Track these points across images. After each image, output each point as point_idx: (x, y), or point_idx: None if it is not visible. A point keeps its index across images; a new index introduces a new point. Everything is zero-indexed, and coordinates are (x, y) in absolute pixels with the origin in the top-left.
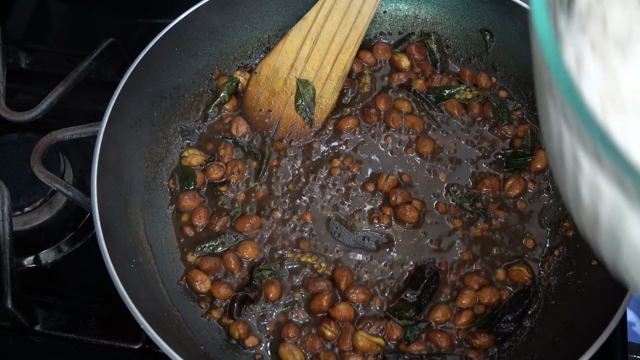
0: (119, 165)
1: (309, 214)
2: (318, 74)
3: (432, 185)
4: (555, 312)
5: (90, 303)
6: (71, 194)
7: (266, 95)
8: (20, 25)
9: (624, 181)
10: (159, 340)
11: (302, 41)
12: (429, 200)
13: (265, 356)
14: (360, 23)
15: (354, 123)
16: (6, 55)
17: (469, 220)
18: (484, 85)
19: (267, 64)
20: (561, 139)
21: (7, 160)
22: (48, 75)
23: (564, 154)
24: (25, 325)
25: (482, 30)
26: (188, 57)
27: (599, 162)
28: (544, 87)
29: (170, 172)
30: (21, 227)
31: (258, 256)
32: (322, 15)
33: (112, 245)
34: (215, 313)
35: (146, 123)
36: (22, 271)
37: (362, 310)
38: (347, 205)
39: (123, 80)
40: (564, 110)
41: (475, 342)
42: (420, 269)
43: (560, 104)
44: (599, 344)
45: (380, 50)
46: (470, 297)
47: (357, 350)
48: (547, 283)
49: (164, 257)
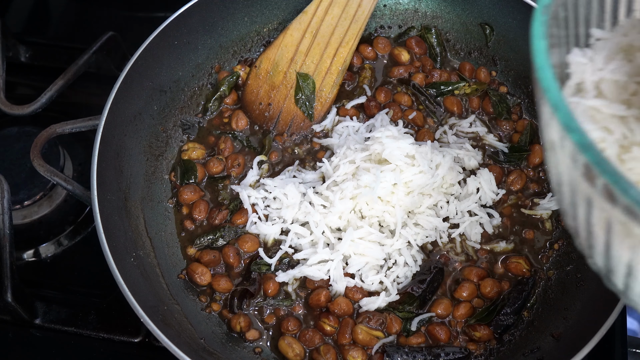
0: (118, 159)
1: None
2: (318, 67)
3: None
4: (555, 306)
5: (90, 297)
6: (71, 187)
7: (266, 89)
8: (20, 19)
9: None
10: (158, 334)
11: (302, 35)
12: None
13: (265, 349)
14: (361, 16)
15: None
16: (6, 49)
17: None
18: (484, 79)
19: (267, 58)
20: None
21: (7, 154)
22: (48, 69)
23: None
24: (25, 318)
25: (482, 24)
26: (188, 51)
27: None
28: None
29: (171, 165)
30: (21, 220)
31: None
32: (322, 9)
33: (112, 239)
34: (215, 306)
35: (146, 117)
36: (22, 265)
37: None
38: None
39: (123, 73)
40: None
41: (474, 335)
42: (426, 264)
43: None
44: (598, 337)
45: (381, 44)
46: (469, 289)
47: (357, 343)
48: (547, 276)
49: (164, 251)
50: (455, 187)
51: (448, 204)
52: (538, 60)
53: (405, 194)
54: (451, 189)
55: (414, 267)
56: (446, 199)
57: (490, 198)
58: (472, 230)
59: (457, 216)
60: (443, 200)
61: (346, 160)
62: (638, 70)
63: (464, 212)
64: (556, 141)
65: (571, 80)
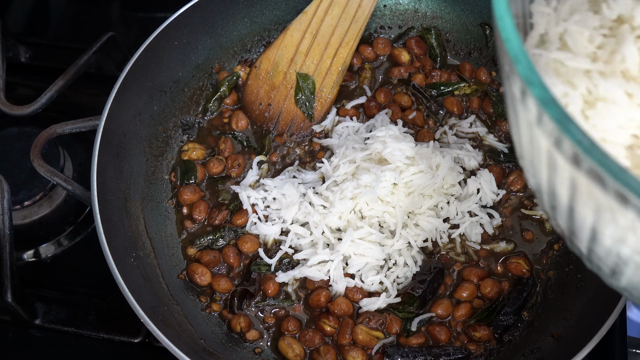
0: (118, 159)
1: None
2: (318, 68)
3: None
4: (555, 306)
5: (90, 297)
6: (71, 187)
7: (266, 89)
8: (20, 19)
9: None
10: (158, 334)
11: (302, 35)
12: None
13: (265, 350)
14: (361, 17)
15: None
16: (6, 49)
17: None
18: (484, 80)
19: (267, 58)
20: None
21: (7, 154)
22: (48, 69)
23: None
24: (25, 319)
25: (482, 24)
26: (188, 51)
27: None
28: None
29: (171, 165)
30: (21, 221)
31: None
32: (322, 9)
33: (112, 239)
34: (215, 306)
35: (146, 117)
36: (22, 265)
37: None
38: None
39: (123, 74)
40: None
41: (474, 335)
42: (426, 264)
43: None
44: (598, 337)
45: (381, 45)
46: (469, 289)
47: (357, 344)
48: (547, 277)
49: (164, 251)
50: (456, 187)
51: (448, 204)
52: (498, 9)
53: (406, 195)
54: (452, 190)
55: (414, 268)
56: (447, 199)
57: (490, 199)
58: (472, 230)
59: (458, 217)
60: (443, 201)
61: (346, 160)
62: (603, 22)
63: (464, 212)
64: (517, 96)
65: (534, 31)
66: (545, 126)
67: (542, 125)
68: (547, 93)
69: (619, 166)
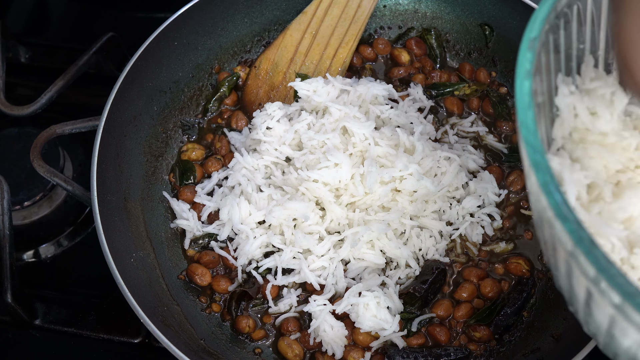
0: (118, 160)
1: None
2: (317, 68)
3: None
4: (555, 306)
5: (90, 297)
6: (71, 188)
7: (266, 89)
8: (20, 20)
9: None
10: (158, 335)
11: (302, 35)
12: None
13: (265, 350)
14: (360, 17)
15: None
16: (6, 50)
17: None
18: (483, 80)
19: (267, 58)
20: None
21: (7, 155)
22: (47, 70)
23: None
24: (25, 319)
25: (482, 24)
26: (188, 51)
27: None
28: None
29: (170, 166)
30: (21, 221)
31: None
32: (322, 9)
33: (112, 240)
34: (215, 307)
35: (146, 117)
36: (21, 265)
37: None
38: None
39: (122, 74)
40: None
41: (474, 335)
42: (428, 265)
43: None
44: None
45: (380, 45)
46: (469, 290)
47: (357, 344)
48: (547, 277)
49: (164, 251)
50: (459, 190)
51: (450, 207)
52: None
53: (409, 203)
54: (455, 193)
55: (417, 270)
56: (449, 202)
57: (492, 199)
58: (472, 231)
59: (459, 220)
60: (446, 205)
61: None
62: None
63: (465, 214)
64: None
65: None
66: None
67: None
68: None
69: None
